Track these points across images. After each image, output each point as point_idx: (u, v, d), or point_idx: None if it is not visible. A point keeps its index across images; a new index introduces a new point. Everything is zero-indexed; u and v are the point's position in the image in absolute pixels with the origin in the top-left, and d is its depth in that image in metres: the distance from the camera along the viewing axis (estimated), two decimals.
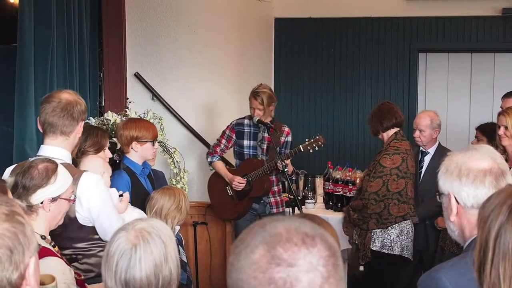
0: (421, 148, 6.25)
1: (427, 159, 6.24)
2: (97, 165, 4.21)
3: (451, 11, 8.53)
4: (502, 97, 6.55)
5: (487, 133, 5.96)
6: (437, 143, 6.26)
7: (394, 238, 5.70)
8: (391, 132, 5.86)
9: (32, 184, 3.19)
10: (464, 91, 8.84)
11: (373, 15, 8.75)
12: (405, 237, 5.74)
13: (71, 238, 3.72)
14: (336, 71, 8.91)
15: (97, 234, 3.86)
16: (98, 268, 3.80)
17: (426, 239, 6.20)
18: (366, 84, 8.82)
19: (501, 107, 6.44)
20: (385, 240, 5.71)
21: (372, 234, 5.73)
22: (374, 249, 5.73)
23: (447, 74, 8.89)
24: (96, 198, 3.79)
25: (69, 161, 3.85)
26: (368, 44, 8.80)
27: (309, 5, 8.91)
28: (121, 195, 4.41)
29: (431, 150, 6.22)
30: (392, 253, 5.72)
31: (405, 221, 5.73)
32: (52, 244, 3.29)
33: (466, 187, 2.46)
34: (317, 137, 6.08)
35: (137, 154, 5.01)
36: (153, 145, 5.07)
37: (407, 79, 8.73)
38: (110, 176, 4.95)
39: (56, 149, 3.81)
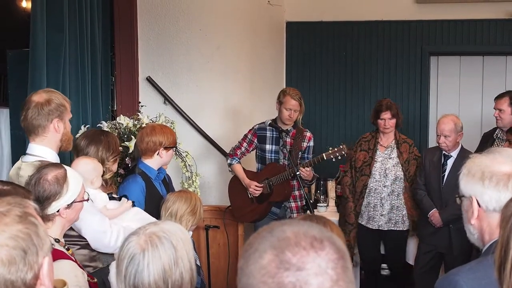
0: (443, 152, 6.24)
1: (450, 162, 6.22)
2: (87, 170, 4.12)
3: (462, 14, 8.49)
4: (495, 98, 6.61)
5: None
6: (459, 146, 6.25)
7: None
8: None
9: (45, 196, 3.20)
10: (476, 95, 8.81)
11: (385, 19, 8.73)
12: None
13: None
14: (347, 75, 8.89)
15: (74, 230, 3.88)
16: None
17: (449, 243, 6.18)
18: (377, 87, 8.80)
19: (494, 108, 6.50)
20: None
21: None
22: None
23: (458, 77, 8.86)
24: None
25: (54, 158, 3.90)
26: (380, 48, 8.79)
27: (320, 9, 8.90)
28: (119, 199, 4.41)
29: (454, 154, 6.21)
30: None
31: None
32: (66, 247, 3.30)
33: (489, 190, 2.43)
34: (341, 146, 6.12)
35: (161, 160, 5.07)
36: (174, 151, 5.16)
37: (419, 83, 8.70)
38: (123, 181, 4.99)
39: (40, 147, 3.94)
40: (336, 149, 6.13)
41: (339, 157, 6.14)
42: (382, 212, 6.49)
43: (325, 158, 6.13)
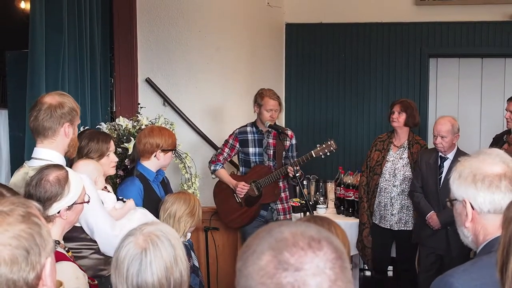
0: (440, 154, 6.25)
1: (446, 164, 6.21)
2: (89, 171, 4.13)
3: (461, 16, 8.50)
4: (508, 100, 6.59)
5: None
6: (456, 148, 6.25)
7: None
8: None
9: (46, 197, 3.19)
10: (475, 96, 8.81)
11: (384, 21, 8.73)
12: None
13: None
14: (346, 76, 8.89)
15: (87, 234, 3.88)
16: (92, 271, 3.82)
17: (448, 245, 6.17)
18: (376, 89, 8.80)
19: (506, 109, 6.49)
20: None
21: None
22: None
23: (457, 79, 8.85)
24: None
25: (61, 162, 3.86)
26: (379, 49, 8.78)
27: (319, 11, 8.90)
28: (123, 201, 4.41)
29: (450, 155, 6.21)
30: None
31: None
32: (66, 249, 3.30)
33: (482, 192, 2.43)
34: (329, 143, 6.09)
35: (159, 162, 5.06)
36: (173, 153, 5.14)
37: (418, 84, 8.70)
38: (122, 183, 4.98)
39: (48, 151, 3.87)
40: (324, 146, 6.11)
41: (328, 154, 6.12)
42: (393, 212, 6.58)
43: (314, 156, 6.11)
